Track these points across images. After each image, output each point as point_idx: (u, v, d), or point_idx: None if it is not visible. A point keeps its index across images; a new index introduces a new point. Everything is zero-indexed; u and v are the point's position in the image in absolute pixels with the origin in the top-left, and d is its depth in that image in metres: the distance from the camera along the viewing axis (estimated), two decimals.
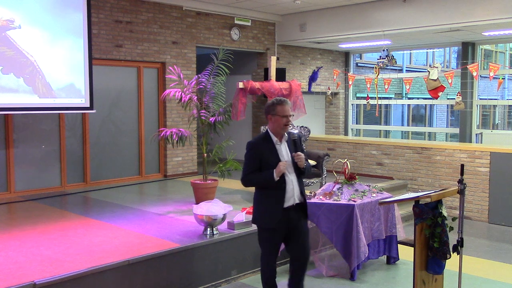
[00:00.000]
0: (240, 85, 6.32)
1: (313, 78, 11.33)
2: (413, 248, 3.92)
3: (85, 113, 7.90)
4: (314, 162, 7.10)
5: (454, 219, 4.14)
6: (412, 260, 3.94)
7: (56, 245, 4.81)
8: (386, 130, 14.90)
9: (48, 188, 7.71)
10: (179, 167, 9.30)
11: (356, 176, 5.70)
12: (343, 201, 5.29)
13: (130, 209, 6.45)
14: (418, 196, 4.00)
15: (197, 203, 5.93)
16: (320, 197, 5.42)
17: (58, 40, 7.18)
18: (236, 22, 10.13)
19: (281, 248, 4.18)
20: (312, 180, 7.08)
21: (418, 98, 17.60)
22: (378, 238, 5.43)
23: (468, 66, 8.56)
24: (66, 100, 7.30)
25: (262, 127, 9.20)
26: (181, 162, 9.31)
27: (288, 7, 10.01)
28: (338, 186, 5.53)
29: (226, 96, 6.74)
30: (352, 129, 13.03)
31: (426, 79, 8.84)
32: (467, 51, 10.48)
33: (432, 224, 3.89)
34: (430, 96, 9.05)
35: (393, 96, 16.37)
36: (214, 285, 4.98)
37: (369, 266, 5.57)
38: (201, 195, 6.32)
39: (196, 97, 6.50)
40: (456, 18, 8.42)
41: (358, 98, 13.58)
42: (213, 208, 5.00)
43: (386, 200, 4.59)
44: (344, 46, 11.65)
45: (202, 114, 6.44)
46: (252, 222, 4.16)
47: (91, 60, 7.49)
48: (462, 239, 3.89)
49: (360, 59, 14.50)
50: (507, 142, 9.61)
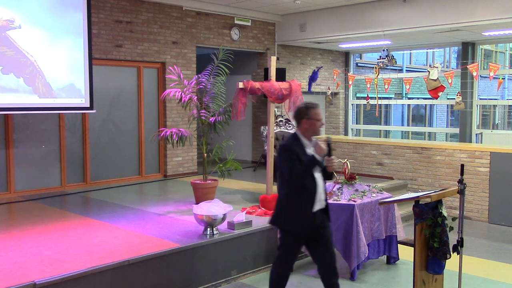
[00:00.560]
0: (240, 85, 6.31)
1: (313, 78, 11.34)
2: (413, 248, 3.93)
3: (85, 113, 7.90)
4: None
5: (454, 219, 4.15)
6: (412, 260, 3.94)
7: (56, 245, 4.81)
8: (386, 130, 14.90)
9: (48, 188, 7.71)
10: (179, 167, 9.30)
11: (356, 176, 5.71)
12: (343, 201, 5.30)
13: (130, 209, 6.45)
14: (418, 196, 4.01)
15: (197, 203, 5.93)
16: None
17: (58, 40, 7.18)
18: (236, 22, 10.14)
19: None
20: None
21: (418, 98, 17.59)
22: (378, 238, 5.43)
23: (468, 66, 8.57)
24: (66, 100, 7.30)
25: (262, 127, 9.22)
26: (181, 162, 9.31)
27: (288, 7, 10.01)
28: (338, 186, 5.53)
29: (226, 96, 6.73)
30: (352, 129, 13.04)
31: (426, 79, 8.84)
32: (467, 51, 10.48)
33: (432, 224, 3.89)
34: (430, 96, 9.06)
35: (393, 96, 16.36)
36: (214, 285, 4.97)
37: (369, 266, 5.57)
38: (201, 195, 6.32)
39: (196, 97, 6.50)
40: (456, 18, 8.42)
41: (358, 98, 13.58)
42: (213, 208, 5.00)
43: (386, 200, 4.59)
44: (344, 46, 11.65)
45: (202, 114, 6.44)
46: (276, 225, 4.14)
47: (91, 60, 7.50)
48: (462, 239, 3.89)
49: (360, 59, 14.49)
50: (507, 142, 9.61)
